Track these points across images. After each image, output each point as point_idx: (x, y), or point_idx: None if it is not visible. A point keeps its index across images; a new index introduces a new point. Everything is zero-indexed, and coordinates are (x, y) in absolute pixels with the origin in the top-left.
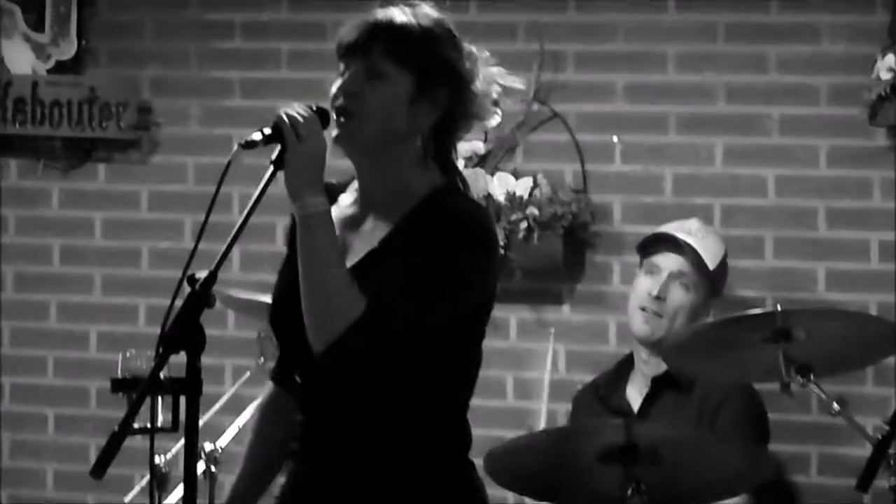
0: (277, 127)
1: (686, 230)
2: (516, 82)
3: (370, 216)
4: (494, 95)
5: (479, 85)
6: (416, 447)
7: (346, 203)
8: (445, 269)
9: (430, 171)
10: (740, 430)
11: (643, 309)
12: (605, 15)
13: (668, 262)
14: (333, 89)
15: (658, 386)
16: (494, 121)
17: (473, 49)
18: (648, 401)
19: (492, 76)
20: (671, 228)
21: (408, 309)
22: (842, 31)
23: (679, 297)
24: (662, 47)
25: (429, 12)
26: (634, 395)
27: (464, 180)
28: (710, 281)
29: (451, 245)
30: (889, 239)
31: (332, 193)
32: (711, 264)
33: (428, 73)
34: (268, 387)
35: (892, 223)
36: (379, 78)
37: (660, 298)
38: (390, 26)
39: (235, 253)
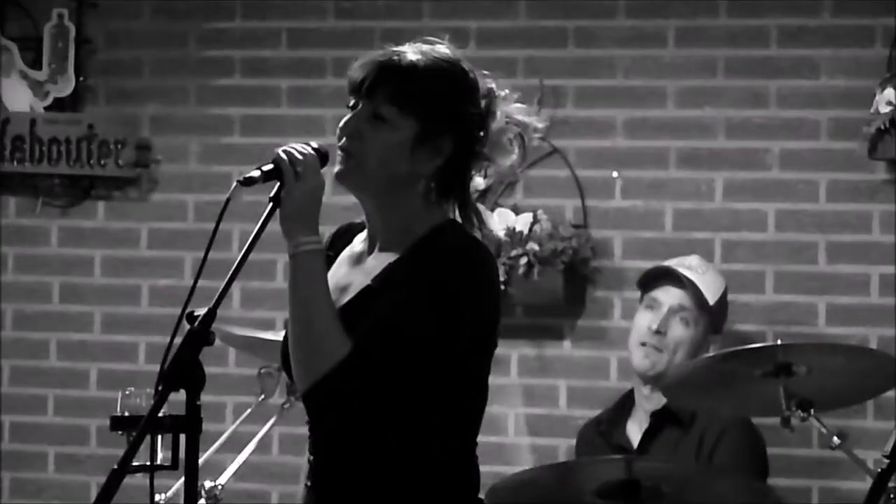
0: (276, 164)
1: (686, 265)
2: (535, 119)
3: (374, 254)
4: (511, 135)
5: (493, 126)
6: (422, 488)
7: (359, 241)
8: (433, 306)
9: (435, 208)
10: (739, 464)
11: (643, 344)
12: (604, 51)
13: (669, 296)
14: (341, 124)
15: (658, 421)
16: (510, 160)
17: (494, 85)
18: (648, 436)
19: (510, 114)
20: (672, 264)
21: (391, 349)
22: (841, 65)
23: (679, 331)
24: (662, 83)
25: (443, 52)
26: (635, 430)
27: (479, 214)
28: (710, 316)
29: (440, 281)
30: (889, 272)
31: (352, 232)
32: (712, 299)
33: (432, 121)
34: None
35: (893, 257)
36: (382, 121)
37: (660, 332)
38: (398, 70)
39: (235, 290)
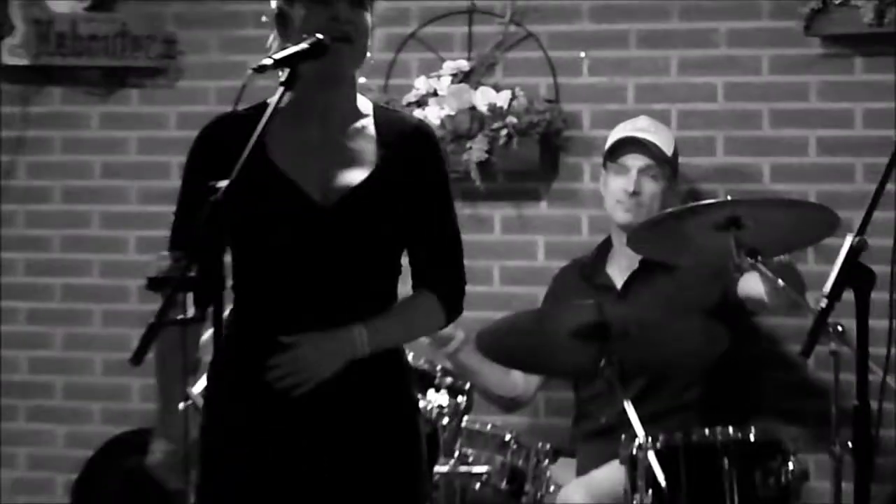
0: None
1: (640, 128)
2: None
3: (335, 133)
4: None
5: None
6: None
7: (281, 124)
8: (446, 191)
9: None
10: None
11: (621, 202)
12: None
13: (635, 160)
14: (333, 13)
15: (646, 264)
16: None
17: None
18: (633, 277)
19: None
20: (627, 130)
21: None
22: None
23: (651, 187)
24: None
25: None
26: (616, 273)
27: None
28: (670, 165)
29: (441, 165)
30: (825, 135)
31: (241, 121)
32: (668, 151)
33: (373, 6)
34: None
35: (828, 122)
36: (362, 7)
37: (636, 193)
38: None
39: None
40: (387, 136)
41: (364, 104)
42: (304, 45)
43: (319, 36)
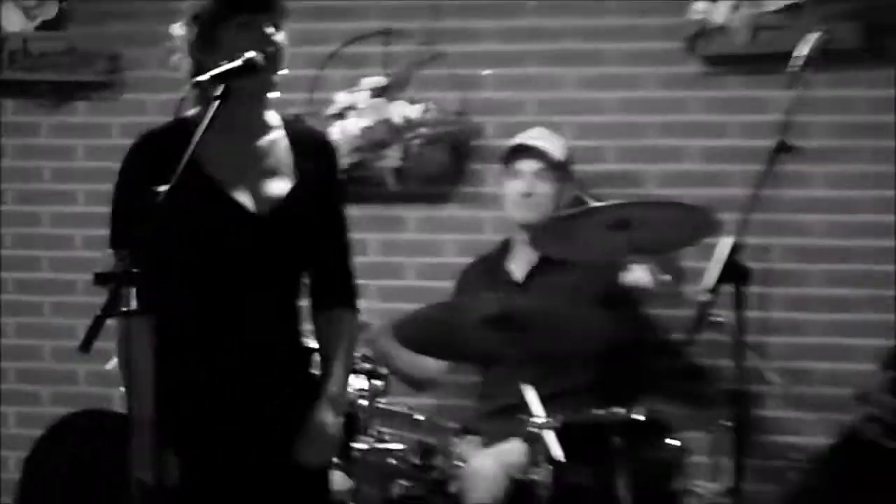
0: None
1: (532, 136)
2: None
3: (258, 145)
4: None
5: None
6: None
7: (211, 136)
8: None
9: None
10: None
11: (519, 205)
12: None
13: (529, 165)
14: (259, 37)
15: (545, 259)
16: None
17: None
18: (533, 272)
19: None
20: (523, 139)
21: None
22: None
23: (544, 189)
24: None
25: None
26: (517, 268)
27: None
28: (562, 169)
29: (339, 173)
30: (707, 145)
31: (169, 134)
32: (558, 156)
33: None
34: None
35: (707, 133)
36: (278, 28)
37: (530, 194)
38: None
39: None
40: (300, 148)
41: (274, 117)
42: (238, 63)
43: (251, 54)
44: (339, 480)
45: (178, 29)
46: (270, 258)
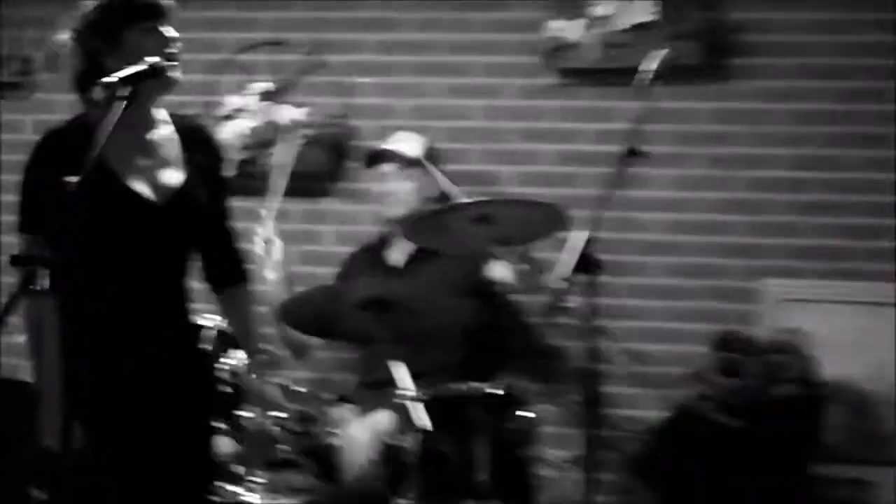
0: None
1: (392, 140)
2: None
3: (153, 139)
4: None
5: None
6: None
7: (113, 132)
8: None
9: None
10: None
11: (386, 201)
12: None
13: (387, 167)
14: (155, 43)
15: (421, 249)
16: None
17: None
18: (410, 260)
19: None
20: (381, 144)
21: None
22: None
23: (403, 186)
24: (401, 14)
25: None
26: (395, 256)
27: None
28: (417, 166)
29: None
30: (560, 149)
31: (73, 131)
32: (415, 154)
33: None
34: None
35: (562, 139)
36: (175, 33)
37: (394, 193)
38: None
39: None
40: (188, 142)
41: (163, 113)
42: (144, 66)
43: (156, 59)
44: (225, 444)
45: (68, 33)
46: (168, 243)
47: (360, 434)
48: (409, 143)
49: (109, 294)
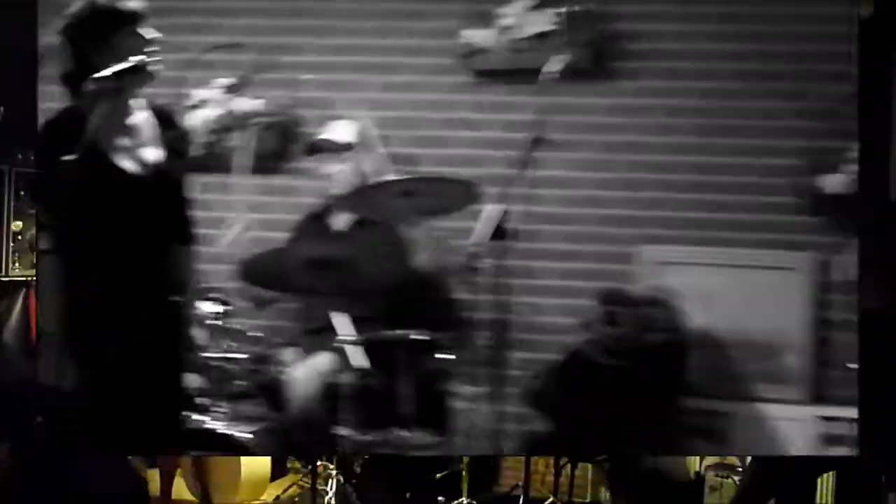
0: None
1: (327, 130)
2: None
3: (127, 121)
4: None
5: None
6: None
7: (101, 120)
8: None
9: None
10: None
11: (334, 182)
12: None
13: (329, 154)
14: (138, 43)
15: (362, 218)
16: None
17: None
18: (352, 228)
19: None
20: (318, 134)
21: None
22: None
23: (349, 167)
24: (341, 22)
25: None
26: (338, 224)
27: None
28: (351, 150)
29: None
30: (475, 136)
31: (62, 121)
32: (349, 139)
33: None
34: None
35: (478, 127)
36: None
37: (331, 174)
38: None
39: None
40: (162, 125)
41: (142, 102)
42: (131, 64)
43: (141, 57)
44: (192, 379)
45: (59, 33)
46: (156, 214)
47: (303, 370)
48: (342, 131)
49: (102, 262)
